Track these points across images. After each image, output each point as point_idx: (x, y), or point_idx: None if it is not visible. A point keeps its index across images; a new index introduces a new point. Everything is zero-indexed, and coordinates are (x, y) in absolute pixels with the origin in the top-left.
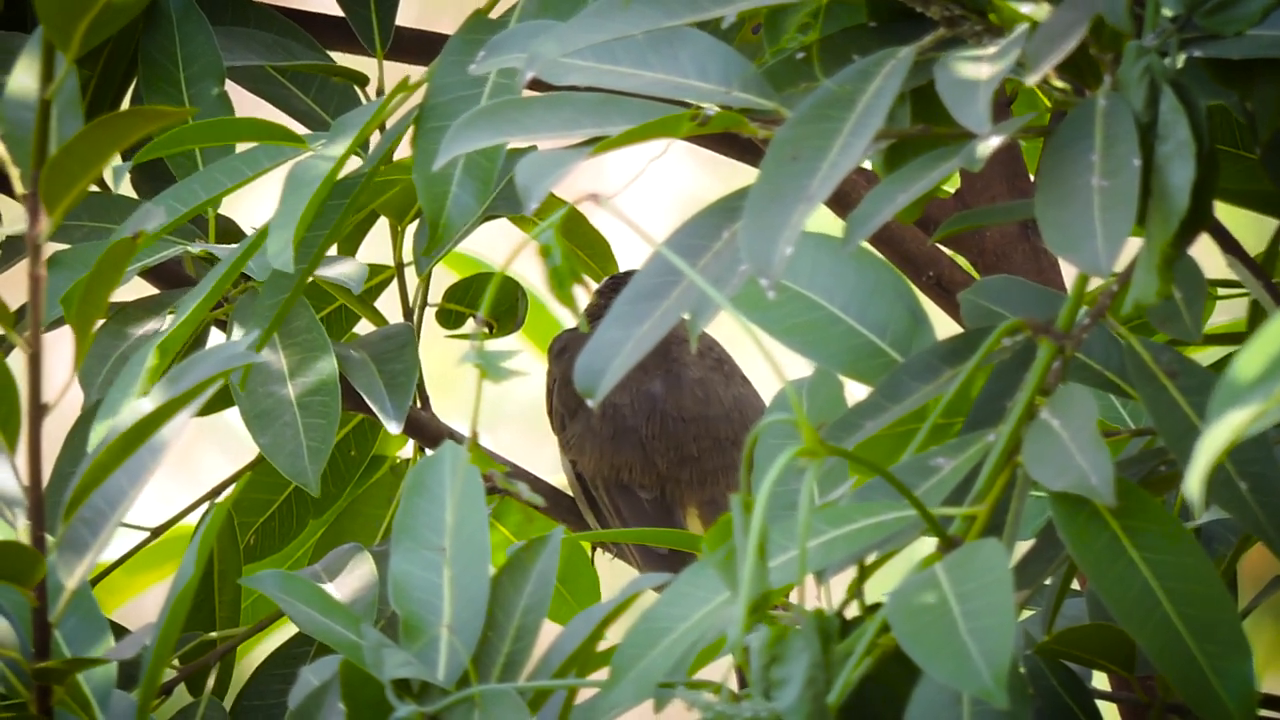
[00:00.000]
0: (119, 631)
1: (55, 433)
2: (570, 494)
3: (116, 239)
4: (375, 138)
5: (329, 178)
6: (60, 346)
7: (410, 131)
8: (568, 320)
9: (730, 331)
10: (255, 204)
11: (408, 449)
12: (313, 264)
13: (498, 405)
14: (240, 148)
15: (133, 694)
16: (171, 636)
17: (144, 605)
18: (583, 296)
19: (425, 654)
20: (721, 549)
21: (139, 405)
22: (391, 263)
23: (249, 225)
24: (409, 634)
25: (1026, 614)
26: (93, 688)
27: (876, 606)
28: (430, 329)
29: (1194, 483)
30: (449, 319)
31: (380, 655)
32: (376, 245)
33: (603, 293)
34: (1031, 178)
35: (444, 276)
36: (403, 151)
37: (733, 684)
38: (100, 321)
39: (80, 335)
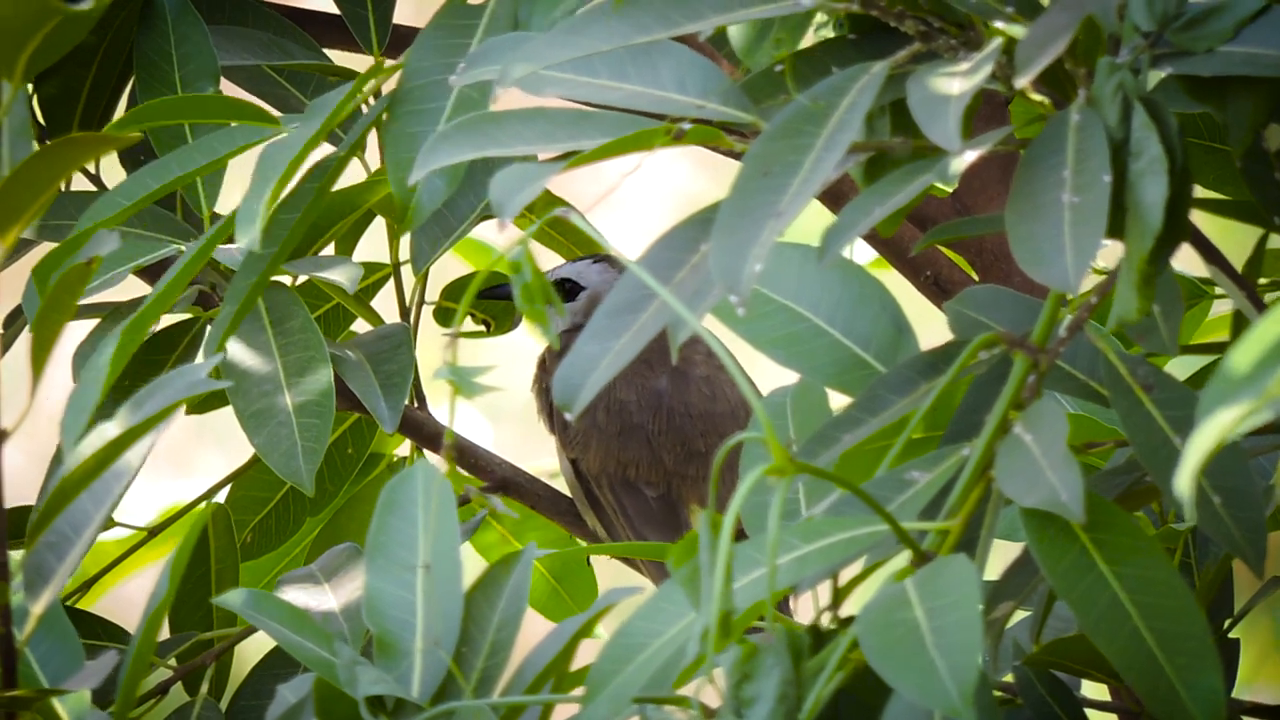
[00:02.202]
0: (110, 630)
1: (51, 434)
2: (568, 494)
3: (71, 265)
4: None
5: (297, 158)
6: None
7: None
8: None
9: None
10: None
11: (405, 447)
12: (286, 246)
13: (497, 401)
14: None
15: (109, 711)
16: (146, 654)
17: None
18: (555, 315)
19: (400, 671)
20: (686, 566)
21: (104, 430)
22: (385, 260)
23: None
24: (383, 651)
25: (1019, 616)
26: (68, 709)
27: (850, 620)
28: (427, 325)
29: (1183, 482)
30: (446, 317)
31: (354, 673)
32: (372, 243)
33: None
34: None
35: (440, 274)
36: None
37: (705, 699)
38: (94, 321)
39: (38, 358)
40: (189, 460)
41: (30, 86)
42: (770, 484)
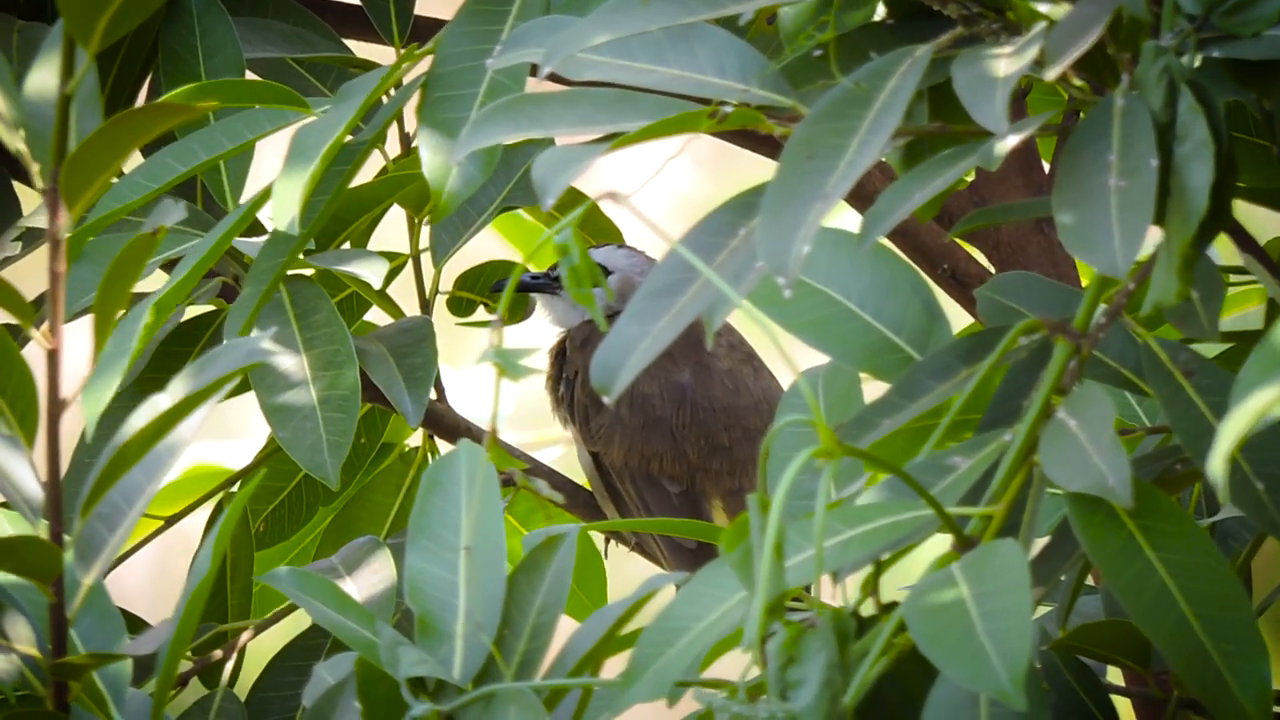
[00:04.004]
0: (133, 623)
1: (74, 427)
2: (584, 486)
3: (137, 234)
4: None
5: (337, 140)
6: (75, 337)
7: (416, 102)
8: None
9: (748, 321)
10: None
11: (416, 436)
12: (313, 227)
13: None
14: None
15: (147, 689)
16: (187, 633)
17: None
18: (601, 297)
19: (441, 652)
20: (739, 549)
21: (157, 401)
22: (394, 250)
23: (268, 219)
24: (425, 632)
25: (1042, 610)
26: (108, 684)
27: (892, 605)
28: (438, 314)
29: (1217, 463)
30: (459, 306)
31: (396, 653)
32: (384, 233)
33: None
34: (1046, 169)
35: (451, 263)
36: None
37: (747, 680)
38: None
39: (101, 330)
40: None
41: None
42: (815, 468)
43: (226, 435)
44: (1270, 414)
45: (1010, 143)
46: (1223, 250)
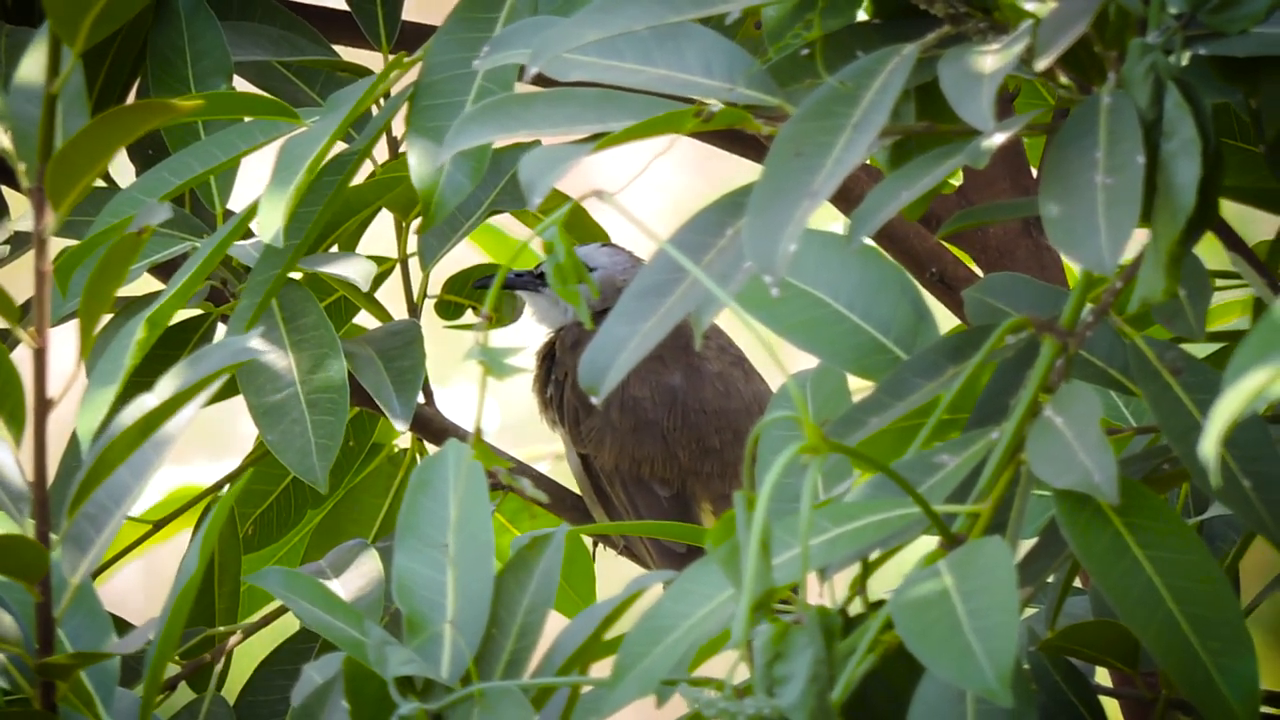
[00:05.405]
0: (122, 628)
1: (60, 426)
2: (570, 489)
3: (124, 235)
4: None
5: (321, 153)
6: (63, 340)
7: (405, 109)
8: None
9: (736, 324)
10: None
11: (404, 438)
12: (307, 239)
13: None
14: None
15: (135, 690)
16: (175, 633)
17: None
18: (587, 294)
19: (429, 651)
20: (725, 546)
21: (143, 401)
22: (382, 254)
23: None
24: (412, 631)
25: (1030, 611)
26: (96, 684)
27: (880, 603)
28: (426, 318)
29: (1209, 446)
30: (448, 310)
31: (384, 653)
32: (373, 237)
33: None
34: (1034, 173)
35: (442, 268)
36: None
37: (736, 680)
38: (107, 316)
39: (86, 328)
40: (178, 451)
41: None
42: (801, 464)
43: (214, 457)
44: (1267, 393)
45: (997, 140)
46: (1208, 257)
